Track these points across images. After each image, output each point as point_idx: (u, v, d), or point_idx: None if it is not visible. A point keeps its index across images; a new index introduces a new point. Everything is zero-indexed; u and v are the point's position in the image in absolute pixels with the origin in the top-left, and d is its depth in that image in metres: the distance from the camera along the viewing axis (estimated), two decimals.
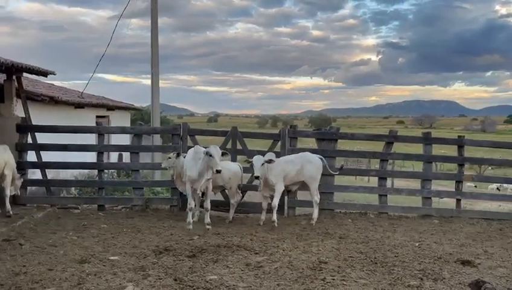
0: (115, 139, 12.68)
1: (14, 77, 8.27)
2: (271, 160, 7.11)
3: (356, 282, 4.54)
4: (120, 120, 17.36)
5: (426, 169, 8.57)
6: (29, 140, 8.30)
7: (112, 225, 6.90)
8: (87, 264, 4.85)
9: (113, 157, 13.67)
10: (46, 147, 8.35)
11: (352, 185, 9.82)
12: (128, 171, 9.61)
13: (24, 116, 8.37)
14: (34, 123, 8.50)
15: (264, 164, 7.00)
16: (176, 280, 4.42)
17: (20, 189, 7.78)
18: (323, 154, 8.30)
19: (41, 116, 9.71)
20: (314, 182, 7.51)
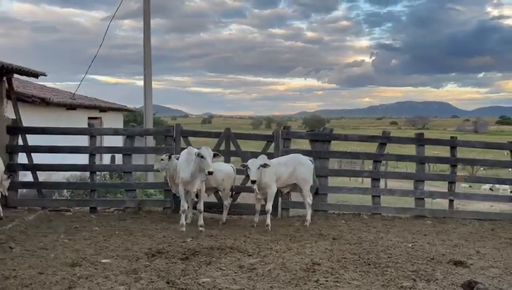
0: (107, 141, 12.60)
1: (5, 78, 8.20)
2: (266, 164, 7.05)
3: (349, 283, 4.53)
4: (113, 122, 17.25)
5: (419, 170, 8.61)
6: (20, 142, 8.22)
7: (104, 228, 6.85)
8: (79, 268, 4.80)
9: (106, 159, 13.58)
10: (37, 149, 8.28)
11: (345, 186, 9.83)
12: (121, 173, 9.54)
13: (15, 117, 8.29)
14: (24, 125, 8.42)
15: (259, 168, 6.94)
16: (169, 283, 4.39)
17: (10, 191, 7.70)
18: (317, 156, 8.33)
19: (32, 117, 9.63)
20: (307, 184, 7.49)
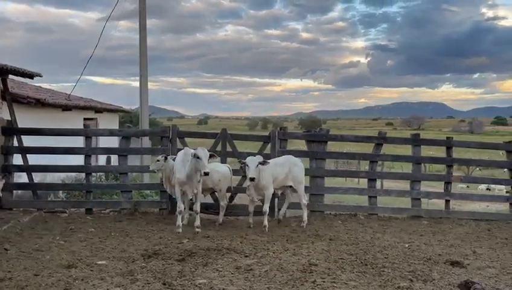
0: (103, 142, 12.56)
1: (0, 79, 8.14)
2: (265, 161, 6.93)
3: (346, 284, 4.53)
4: (108, 122, 17.21)
5: (415, 170, 8.62)
6: (15, 143, 8.17)
7: (100, 229, 6.81)
8: (74, 269, 4.77)
9: (101, 160, 13.53)
10: (32, 150, 8.23)
11: (342, 186, 9.83)
12: (117, 174, 9.51)
13: (10, 118, 8.24)
14: (20, 126, 8.37)
15: (257, 166, 6.73)
16: (165, 284, 4.37)
17: (5, 192, 7.63)
18: (313, 156, 8.34)
19: (27, 118, 9.58)
20: (301, 185, 7.49)
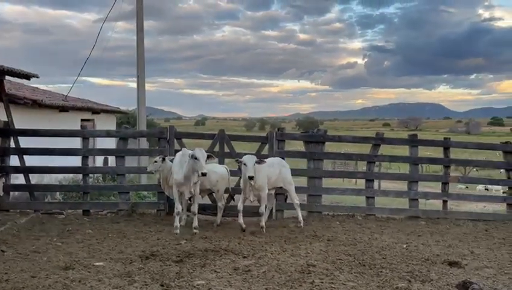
0: (100, 143, 12.53)
1: None
2: (261, 160, 6.87)
3: (345, 285, 4.53)
4: (105, 124, 17.19)
5: (413, 171, 8.63)
6: (12, 144, 8.14)
7: (97, 230, 6.79)
8: (72, 271, 4.75)
9: (99, 161, 13.50)
10: (29, 151, 8.20)
11: (339, 187, 9.83)
12: (114, 175, 9.48)
13: (6, 120, 8.21)
14: (16, 127, 8.34)
15: (254, 165, 6.61)
16: (163, 286, 4.35)
17: (2, 194, 7.60)
18: (311, 157, 8.35)
19: (24, 120, 9.55)
20: (291, 186, 7.48)
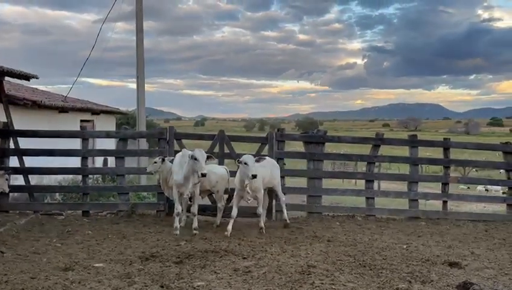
0: (99, 144, 12.52)
1: None
2: (261, 158, 6.82)
3: (345, 286, 4.52)
4: (105, 124, 17.17)
5: (413, 171, 8.63)
6: (12, 145, 8.12)
7: (97, 231, 6.78)
8: (71, 272, 4.74)
9: (98, 162, 13.49)
10: (28, 152, 8.18)
11: (339, 188, 9.82)
12: (114, 176, 9.47)
13: (6, 120, 8.20)
14: (16, 128, 8.33)
15: (254, 164, 6.49)
16: (163, 287, 4.35)
17: (2, 195, 7.57)
18: (311, 158, 8.34)
19: (23, 120, 9.54)
20: (279, 185, 7.51)
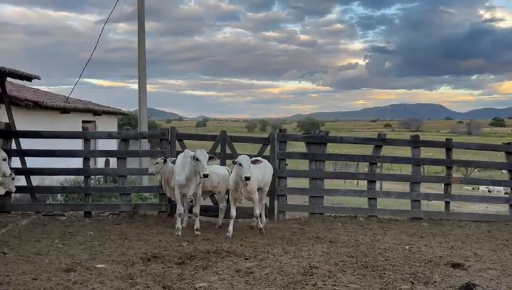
0: (101, 145, 12.52)
1: None
2: (257, 160, 6.76)
3: (347, 287, 4.50)
4: (107, 125, 17.18)
5: (415, 172, 8.60)
6: (14, 146, 8.13)
7: (99, 232, 6.77)
8: (73, 273, 4.73)
9: (100, 163, 13.49)
10: (30, 152, 8.18)
11: (341, 188, 9.80)
12: (115, 177, 9.47)
13: (8, 121, 8.20)
14: (18, 129, 8.33)
15: (250, 165, 6.33)
16: (165, 288, 4.34)
17: (4, 196, 7.57)
18: (313, 158, 8.32)
19: (25, 121, 9.54)
20: (268, 187, 7.46)
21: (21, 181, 8.41)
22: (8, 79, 8.68)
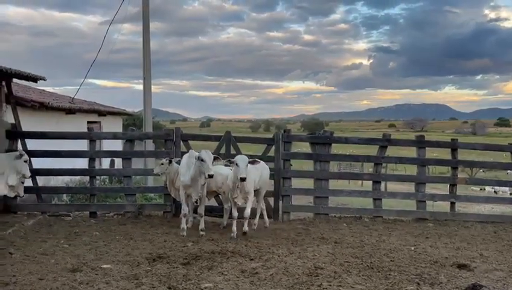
0: (106, 145, 12.57)
1: (4, 82, 8.16)
2: (255, 160, 6.75)
3: (353, 288, 4.49)
4: (112, 126, 17.23)
5: (420, 172, 8.58)
6: (20, 146, 8.17)
7: (104, 233, 6.79)
8: (79, 273, 4.75)
9: (105, 163, 13.53)
10: (36, 153, 8.22)
11: (346, 189, 9.77)
12: (120, 177, 9.51)
13: (14, 122, 8.25)
14: (24, 129, 8.37)
15: (247, 166, 6.30)
16: (170, 288, 4.35)
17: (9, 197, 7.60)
18: (317, 159, 8.32)
19: (31, 122, 9.58)
20: (265, 189, 7.39)
21: (27, 182, 8.46)
22: (14, 80, 8.73)
